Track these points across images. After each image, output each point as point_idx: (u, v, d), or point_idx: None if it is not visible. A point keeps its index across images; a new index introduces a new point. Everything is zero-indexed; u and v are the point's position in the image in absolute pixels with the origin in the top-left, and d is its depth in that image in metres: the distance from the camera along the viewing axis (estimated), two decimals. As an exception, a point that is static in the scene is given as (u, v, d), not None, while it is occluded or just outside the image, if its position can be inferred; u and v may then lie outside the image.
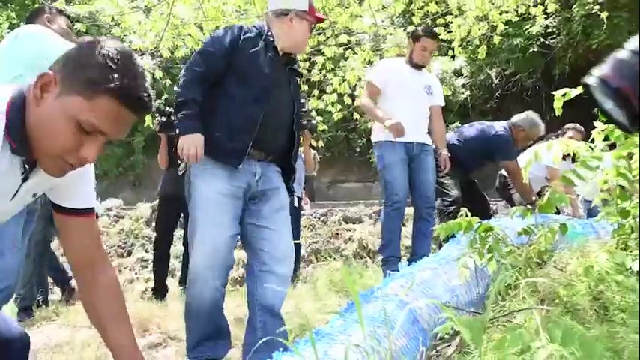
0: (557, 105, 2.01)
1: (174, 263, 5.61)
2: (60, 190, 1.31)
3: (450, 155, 3.84)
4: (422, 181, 3.68)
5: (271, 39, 2.34)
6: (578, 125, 4.78)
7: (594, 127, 2.33)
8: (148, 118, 5.61)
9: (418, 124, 3.71)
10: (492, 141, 4.28)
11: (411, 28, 7.18)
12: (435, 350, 1.75)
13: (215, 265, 2.18)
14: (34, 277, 3.59)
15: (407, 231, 4.78)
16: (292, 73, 2.48)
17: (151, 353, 2.68)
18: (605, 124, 2.18)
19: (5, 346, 1.35)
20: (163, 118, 4.31)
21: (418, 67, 3.80)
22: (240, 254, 4.38)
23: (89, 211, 1.35)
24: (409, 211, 4.21)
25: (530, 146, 4.19)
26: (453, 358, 1.63)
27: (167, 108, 4.29)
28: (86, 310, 1.39)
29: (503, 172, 4.82)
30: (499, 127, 4.35)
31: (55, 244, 4.01)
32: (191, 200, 2.22)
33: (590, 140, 2.37)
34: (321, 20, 2.57)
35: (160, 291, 4.30)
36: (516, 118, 4.46)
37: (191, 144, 2.13)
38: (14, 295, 3.29)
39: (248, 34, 2.31)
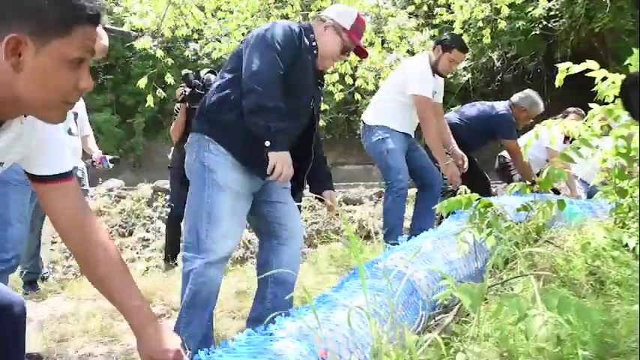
0: (560, 77, 2.03)
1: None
2: (32, 159, 1.30)
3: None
4: (423, 166, 3.75)
5: (314, 44, 2.26)
6: (579, 109, 4.78)
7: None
8: (149, 98, 5.63)
9: (416, 122, 3.78)
10: (494, 120, 4.30)
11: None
12: (433, 320, 1.79)
13: (227, 258, 2.17)
14: (38, 251, 3.64)
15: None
16: (320, 83, 2.42)
17: (155, 324, 2.73)
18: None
19: (4, 309, 1.38)
20: (188, 89, 4.17)
21: (439, 75, 3.79)
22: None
23: (66, 175, 1.33)
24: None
25: (531, 126, 4.21)
26: (451, 327, 1.67)
27: (195, 80, 4.16)
28: (88, 277, 1.37)
29: (503, 153, 4.83)
30: (500, 106, 4.37)
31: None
32: (213, 187, 2.09)
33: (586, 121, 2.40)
34: (360, 52, 2.42)
35: (171, 257, 4.37)
36: (517, 97, 4.48)
37: (284, 163, 2.00)
38: (19, 269, 3.35)
39: (306, 41, 2.22)
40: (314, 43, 2.25)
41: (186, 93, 4.17)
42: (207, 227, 2.05)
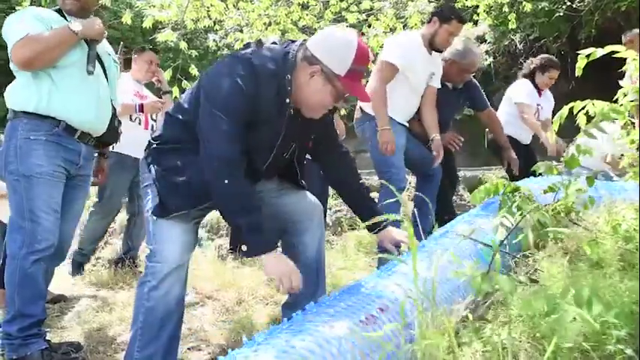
0: (580, 65, 2.00)
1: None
2: None
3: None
4: (423, 156, 3.53)
5: (289, 90, 1.82)
6: (553, 58, 4.54)
7: (620, 88, 2.33)
8: (175, 89, 5.69)
9: (413, 112, 3.56)
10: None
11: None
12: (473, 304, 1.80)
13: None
14: (100, 241, 3.98)
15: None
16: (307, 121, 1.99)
17: (189, 312, 2.81)
18: None
19: None
20: None
21: (436, 50, 3.48)
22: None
23: None
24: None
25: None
26: (486, 312, 1.69)
27: None
28: None
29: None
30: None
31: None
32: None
33: (614, 100, 2.37)
34: (357, 91, 1.90)
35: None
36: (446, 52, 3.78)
37: (283, 275, 1.83)
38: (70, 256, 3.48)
39: (269, 91, 1.81)
40: (289, 89, 1.82)
41: None
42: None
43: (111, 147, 2.83)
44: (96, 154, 2.67)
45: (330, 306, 1.39)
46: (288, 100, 1.83)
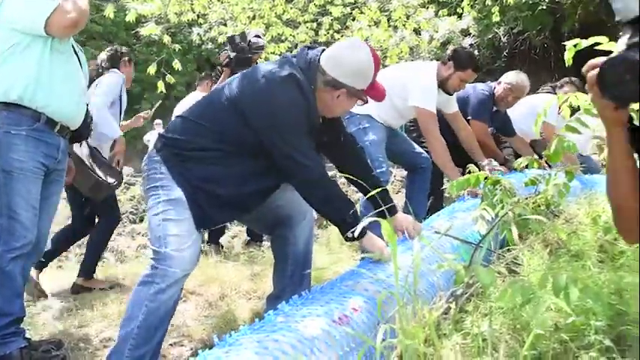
0: (569, 56, 2.01)
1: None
2: None
3: None
4: (408, 150, 3.59)
5: (314, 102, 1.93)
6: (576, 79, 4.55)
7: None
8: (160, 84, 5.65)
9: (393, 126, 3.57)
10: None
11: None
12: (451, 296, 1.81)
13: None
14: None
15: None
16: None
17: (172, 307, 2.78)
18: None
19: None
20: (233, 53, 3.98)
21: (445, 92, 3.46)
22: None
23: None
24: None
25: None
26: (465, 304, 1.70)
27: (241, 42, 3.99)
28: None
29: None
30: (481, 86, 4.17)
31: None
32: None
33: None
34: (379, 97, 2.05)
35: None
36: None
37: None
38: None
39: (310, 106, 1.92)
40: (313, 102, 1.93)
41: (231, 57, 3.98)
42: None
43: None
44: None
45: (304, 304, 1.38)
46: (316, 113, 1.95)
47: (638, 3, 1.04)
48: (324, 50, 1.99)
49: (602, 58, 1.06)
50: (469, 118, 3.88)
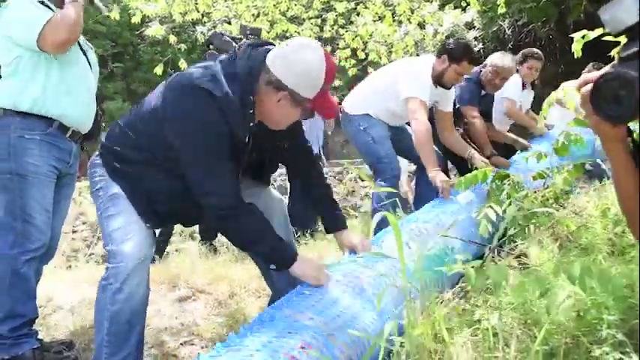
0: (577, 47, 1.99)
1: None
2: None
3: None
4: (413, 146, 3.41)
5: (252, 113, 1.76)
6: (537, 50, 4.48)
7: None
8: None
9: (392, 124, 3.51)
10: None
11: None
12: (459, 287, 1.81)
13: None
14: None
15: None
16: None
17: (182, 306, 2.81)
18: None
19: None
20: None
21: (442, 87, 3.35)
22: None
23: None
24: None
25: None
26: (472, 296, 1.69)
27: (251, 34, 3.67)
28: None
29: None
30: None
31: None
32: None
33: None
34: (328, 112, 1.90)
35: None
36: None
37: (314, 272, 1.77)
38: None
39: (232, 117, 1.72)
40: (251, 112, 1.75)
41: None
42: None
43: None
44: None
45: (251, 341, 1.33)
46: (252, 124, 1.78)
47: (627, 13, 1.01)
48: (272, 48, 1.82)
49: (596, 73, 1.03)
50: (458, 106, 3.83)
